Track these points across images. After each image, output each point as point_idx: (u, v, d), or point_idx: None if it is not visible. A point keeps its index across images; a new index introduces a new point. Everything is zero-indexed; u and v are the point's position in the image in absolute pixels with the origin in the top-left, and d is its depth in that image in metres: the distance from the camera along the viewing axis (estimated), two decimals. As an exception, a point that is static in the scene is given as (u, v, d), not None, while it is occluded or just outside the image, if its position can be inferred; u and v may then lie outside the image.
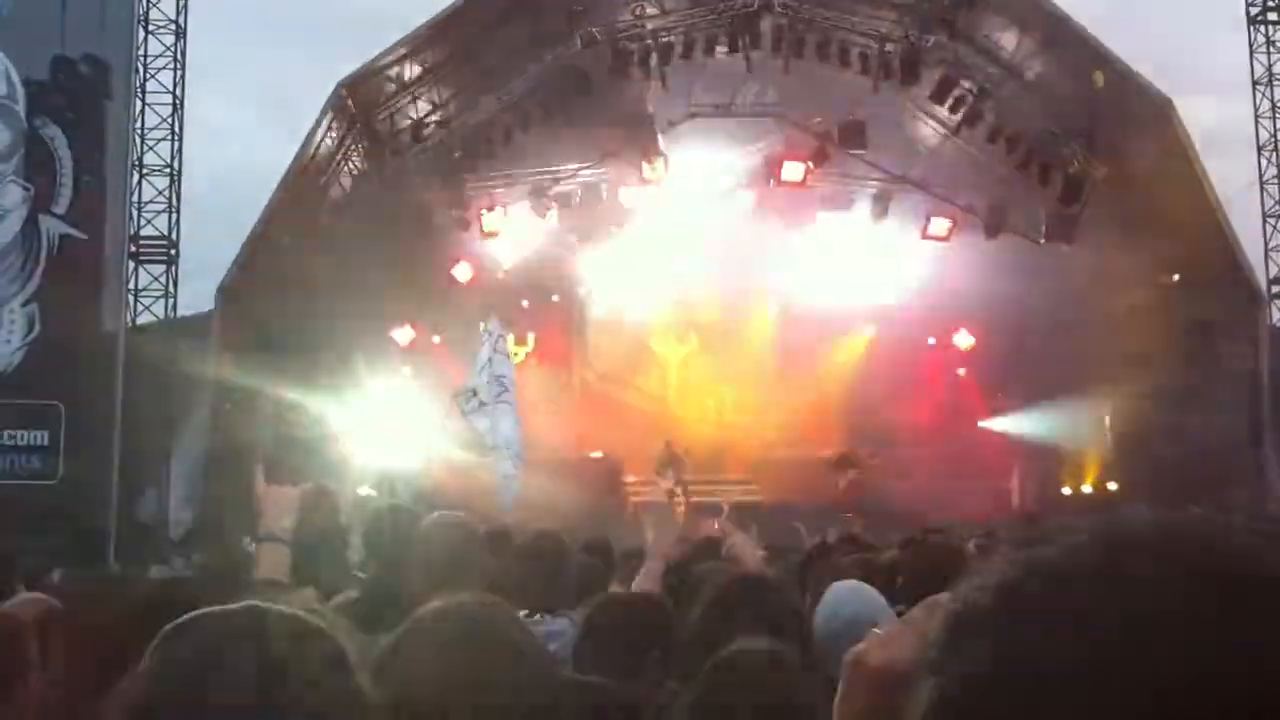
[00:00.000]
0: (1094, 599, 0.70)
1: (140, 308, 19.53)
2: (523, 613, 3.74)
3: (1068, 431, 23.07)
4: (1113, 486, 21.76)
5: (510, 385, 11.53)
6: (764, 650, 2.56)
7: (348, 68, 20.55)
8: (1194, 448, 19.62)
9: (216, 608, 1.47)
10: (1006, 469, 24.53)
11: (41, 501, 17.67)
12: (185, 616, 1.45)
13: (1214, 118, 23.45)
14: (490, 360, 11.31)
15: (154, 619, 2.72)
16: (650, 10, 21.32)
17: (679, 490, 22.06)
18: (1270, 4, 21.48)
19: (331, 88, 20.40)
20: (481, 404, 11.18)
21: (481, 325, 11.50)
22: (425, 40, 20.46)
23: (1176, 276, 20.34)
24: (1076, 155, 21.82)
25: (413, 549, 4.02)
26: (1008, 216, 22.62)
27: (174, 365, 19.61)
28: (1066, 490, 23.23)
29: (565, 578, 3.99)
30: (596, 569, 5.28)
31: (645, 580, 4.62)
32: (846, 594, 3.50)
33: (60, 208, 18.68)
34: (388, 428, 23.78)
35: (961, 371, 25.48)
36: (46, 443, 18.17)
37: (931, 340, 25.49)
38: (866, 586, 3.56)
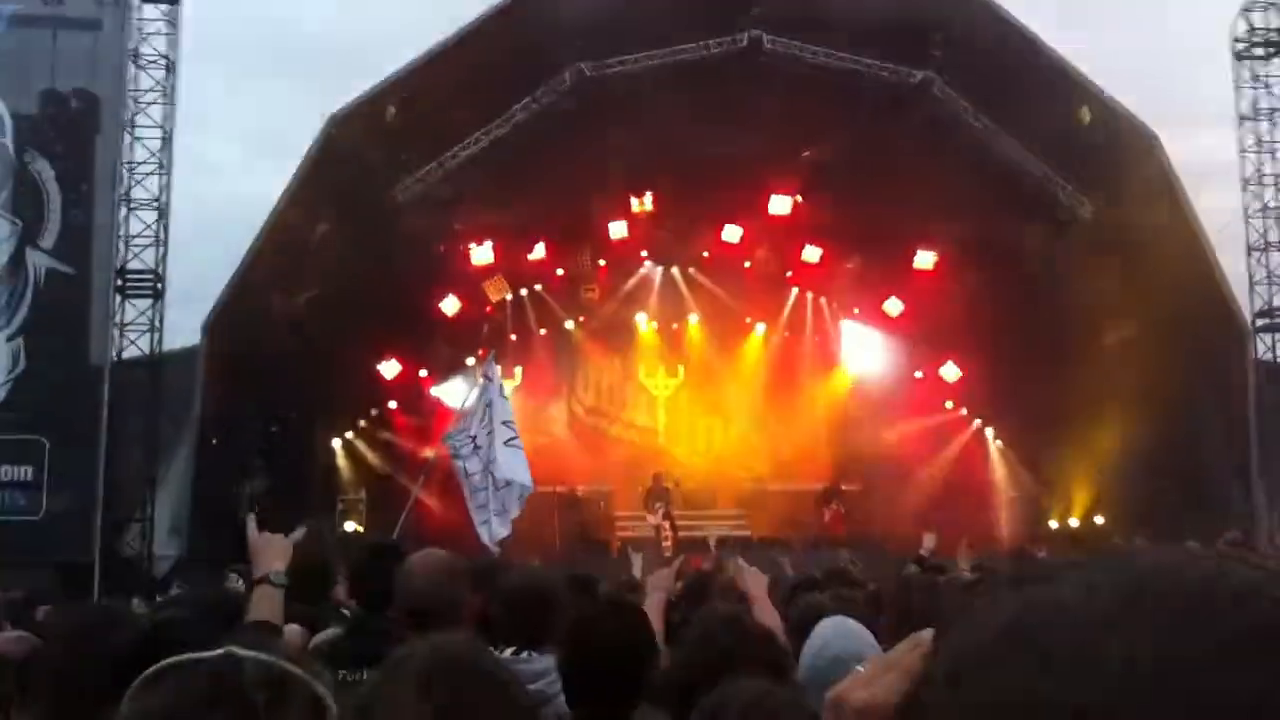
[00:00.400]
0: (1117, 641, 0.68)
1: (126, 342, 19.44)
2: (509, 650, 3.71)
3: (1055, 465, 23.12)
4: (1100, 520, 21.77)
5: (512, 424, 11.48)
6: (756, 689, 2.55)
7: (337, 103, 20.60)
8: (1181, 481, 19.65)
9: (194, 655, 1.45)
10: (994, 502, 24.55)
11: (25, 537, 17.57)
12: (162, 664, 1.43)
13: (1202, 149, 23.55)
14: (490, 404, 11.23)
15: (138, 660, 2.70)
16: (640, 51, 21.41)
17: (667, 524, 22.01)
18: (1256, 40, 21.66)
19: (321, 121, 20.45)
20: (477, 448, 11.08)
21: (481, 371, 11.41)
22: (415, 76, 20.52)
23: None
24: (1062, 189, 21.94)
25: (398, 586, 4.00)
26: (995, 249, 22.71)
27: (160, 400, 19.56)
28: (1054, 523, 23.24)
29: (553, 615, 3.95)
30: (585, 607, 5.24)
31: (650, 615, 4.59)
32: (833, 630, 3.48)
33: (47, 242, 18.65)
34: (375, 461, 23.76)
35: (949, 404, 25.52)
36: (30, 478, 18.08)
37: (919, 373, 25.54)
38: (853, 622, 3.54)
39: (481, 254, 24.00)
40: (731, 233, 24.79)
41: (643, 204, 24.24)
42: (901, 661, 1.23)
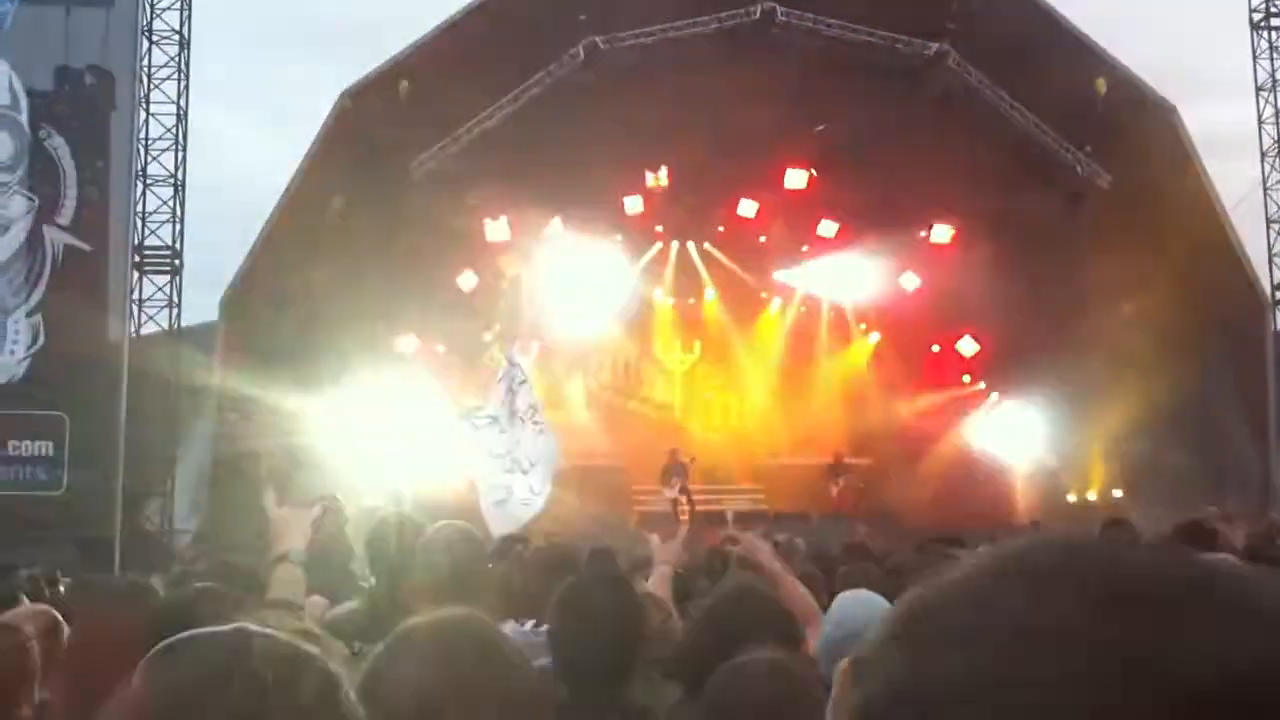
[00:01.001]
0: (980, 617, 0.73)
1: (144, 318, 19.53)
2: (530, 623, 3.72)
3: (1073, 438, 23.04)
4: (1118, 494, 21.72)
5: (539, 407, 11.44)
6: (770, 659, 2.55)
7: (352, 77, 20.61)
8: (1200, 455, 19.60)
9: (205, 630, 1.46)
10: (1011, 476, 24.50)
11: (46, 512, 17.70)
12: (173, 639, 1.44)
13: (1221, 119, 23.42)
14: (513, 390, 11.19)
15: (157, 634, 2.72)
16: (653, 24, 21.34)
17: (683, 499, 22.04)
18: (1274, 9, 21.47)
19: (335, 97, 20.45)
20: (501, 429, 11.04)
21: (502, 357, 11.38)
22: (429, 50, 20.50)
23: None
24: (1080, 162, 21.83)
25: (416, 559, 4.01)
26: (1012, 223, 22.61)
27: (178, 375, 19.63)
28: (1072, 497, 23.19)
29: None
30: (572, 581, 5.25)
31: (656, 586, 4.61)
32: (852, 604, 3.49)
33: (64, 218, 18.71)
34: (393, 437, 23.80)
35: (966, 378, 25.45)
36: (51, 453, 18.18)
37: (936, 347, 25.47)
38: (874, 595, 3.55)
39: (497, 229, 23.97)
40: (747, 207, 24.71)
41: (658, 178, 24.16)
42: None
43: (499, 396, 11.36)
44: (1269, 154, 21.38)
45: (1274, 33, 21.52)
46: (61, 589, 7.29)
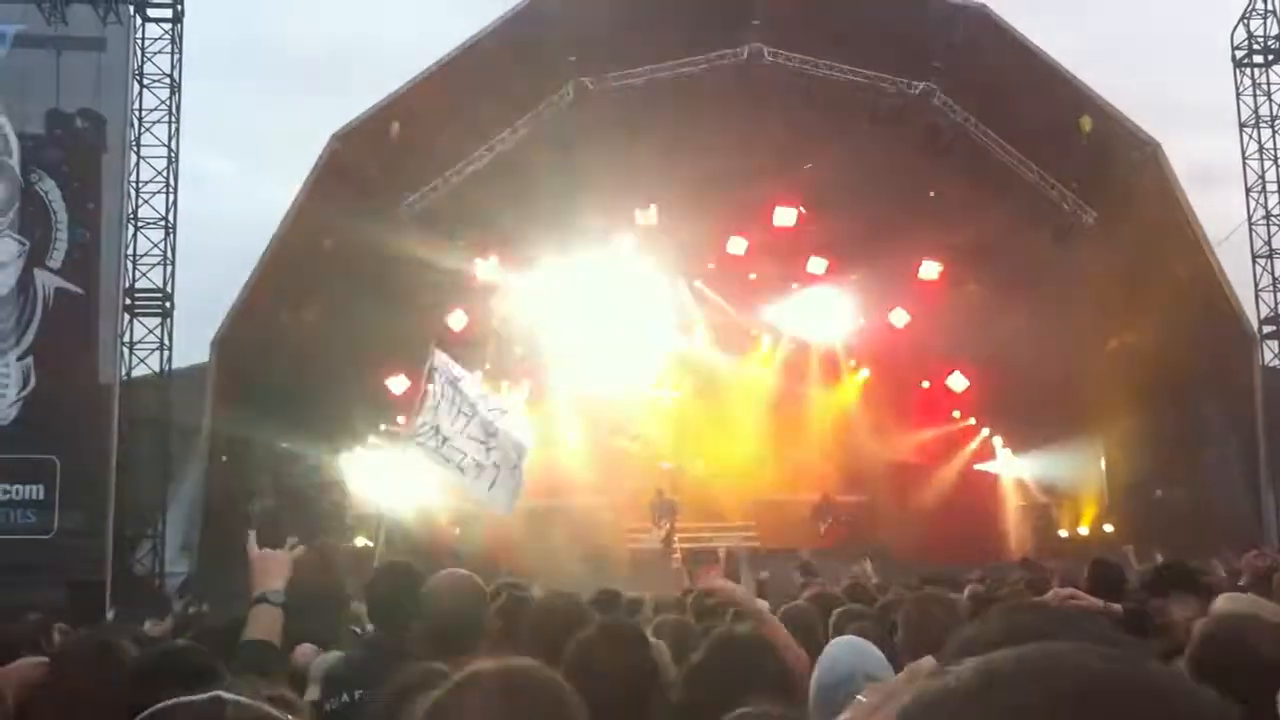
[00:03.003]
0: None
1: (135, 360, 19.51)
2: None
3: (1064, 474, 23.11)
4: (1109, 529, 21.75)
5: (477, 402, 11.28)
6: (765, 713, 2.57)
7: (338, 116, 20.72)
8: (1191, 489, 19.65)
9: (181, 700, 1.49)
10: (1003, 511, 24.54)
11: (36, 555, 17.61)
12: (150, 710, 1.47)
13: (1210, 152, 23.62)
14: (445, 396, 11.07)
15: (141, 690, 2.74)
16: (641, 64, 21.49)
17: (671, 538, 22.12)
18: (1255, 47, 21.70)
19: (325, 138, 20.54)
20: (445, 439, 10.93)
21: (428, 364, 11.22)
22: (420, 91, 20.60)
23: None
24: (1066, 198, 21.99)
25: (416, 606, 4.03)
26: (999, 259, 22.75)
27: (169, 418, 19.60)
28: (1063, 533, 23.23)
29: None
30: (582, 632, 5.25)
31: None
32: (843, 649, 3.51)
33: (55, 262, 18.72)
34: (384, 476, 23.75)
35: (956, 414, 25.52)
36: (42, 496, 18.11)
37: (926, 383, 25.56)
38: (864, 641, 3.57)
39: (487, 268, 24.04)
40: (736, 245, 24.82)
41: (647, 217, 24.28)
42: (899, 692, 1.29)
43: (432, 406, 11.24)
44: (1253, 189, 21.56)
45: (1256, 70, 21.75)
46: (55, 636, 7.26)
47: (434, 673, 2.59)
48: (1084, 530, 22.90)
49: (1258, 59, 21.74)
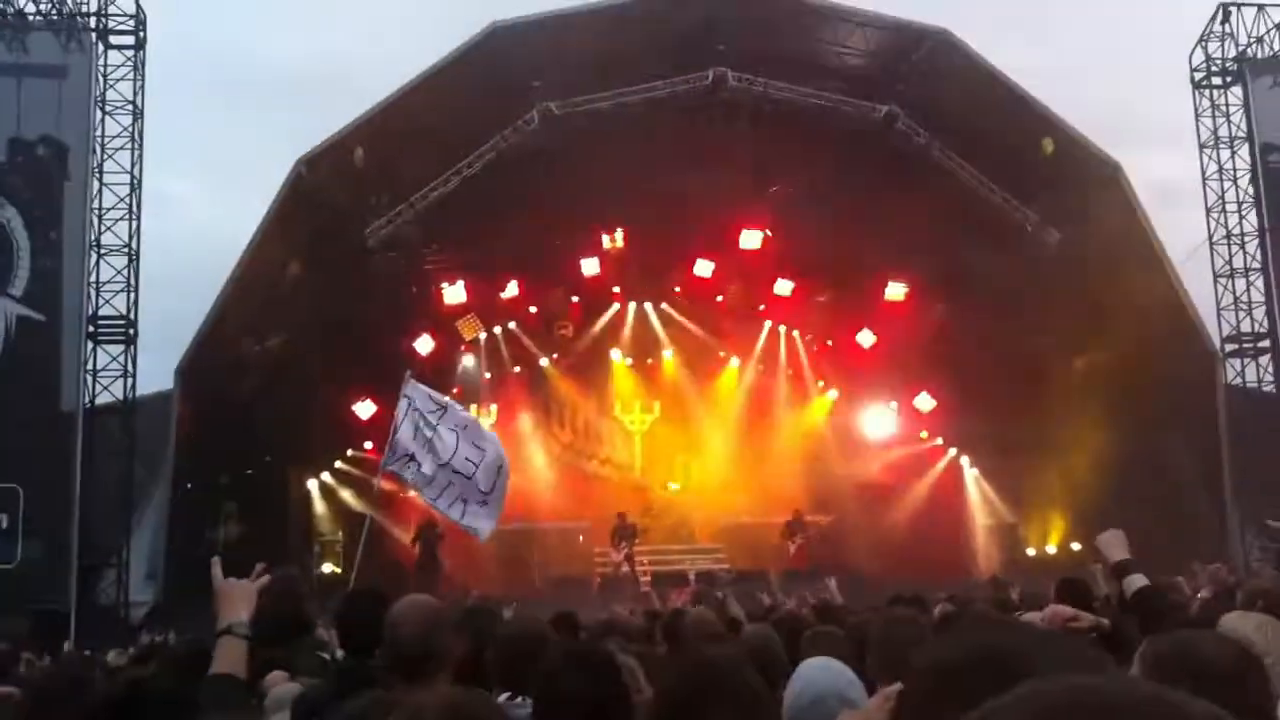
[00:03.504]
0: None
1: (99, 388, 19.33)
2: (503, 696, 3.72)
3: (1031, 493, 23.23)
4: (1076, 546, 21.87)
5: (456, 431, 11.23)
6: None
7: (309, 141, 20.66)
8: (1156, 506, 19.76)
9: None
10: (971, 531, 24.64)
11: (0, 584, 17.42)
12: None
13: (1168, 171, 23.88)
14: (421, 416, 11.05)
15: (116, 717, 2.72)
16: (606, 89, 21.54)
17: (631, 561, 22.12)
18: (1214, 69, 21.98)
19: (291, 160, 20.48)
20: (413, 459, 10.90)
21: (402, 392, 11.21)
22: (384, 116, 20.58)
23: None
24: (1029, 220, 22.17)
25: (382, 632, 4.00)
26: (964, 280, 22.90)
27: (133, 445, 19.44)
28: (1031, 551, 23.34)
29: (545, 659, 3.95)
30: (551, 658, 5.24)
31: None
32: (815, 669, 3.51)
33: (17, 290, 18.58)
34: (352, 502, 23.65)
35: (924, 434, 25.64)
36: (5, 525, 17.95)
37: (893, 403, 25.68)
38: (837, 663, 3.57)
39: (454, 293, 24.02)
40: (703, 268, 24.90)
41: (614, 240, 24.33)
42: (874, 714, 1.30)
43: (406, 433, 11.19)
44: (1213, 209, 21.80)
45: (1215, 91, 22.01)
46: (21, 667, 7.18)
47: (383, 702, 2.57)
48: (1052, 549, 23.02)
49: (1216, 80, 22.01)
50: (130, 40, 20.04)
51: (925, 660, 1.22)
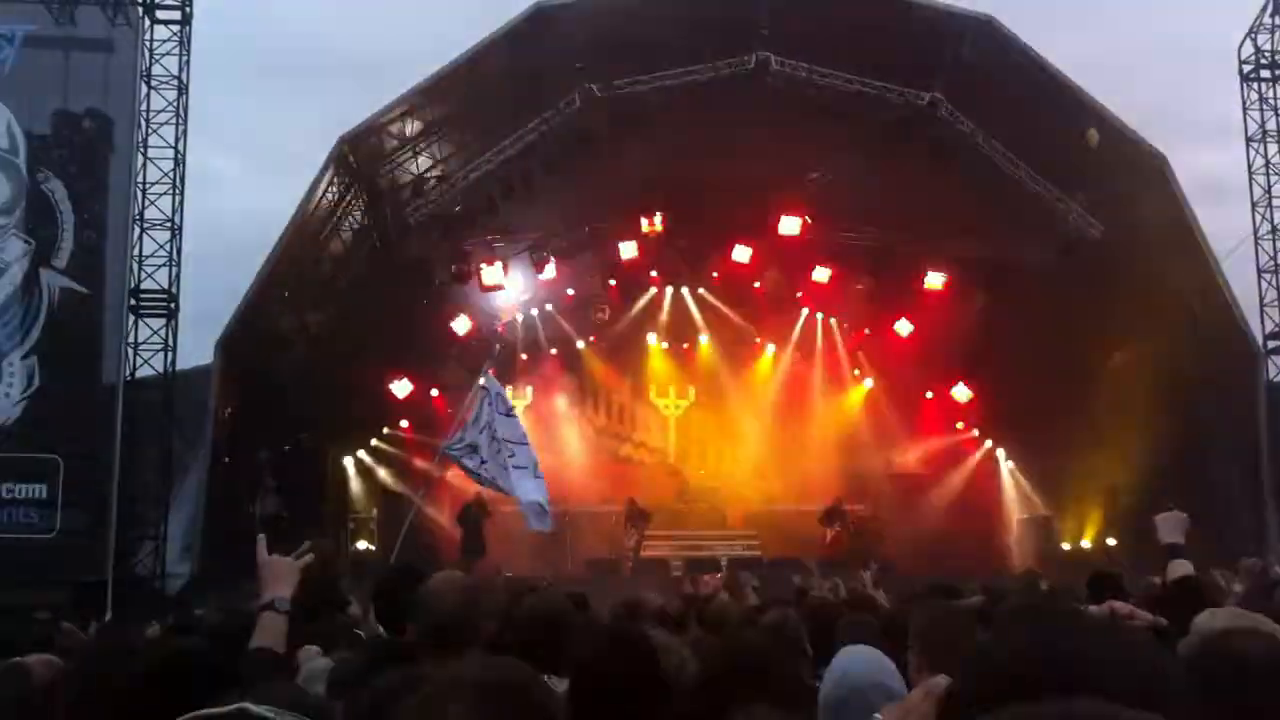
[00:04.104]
0: None
1: (140, 361, 19.49)
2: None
3: (1067, 485, 23.07)
4: (1112, 542, 21.71)
5: (519, 446, 11.42)
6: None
7: (350, 120, 20.73)
8: (1193, 503, 19.53)
9: (208, 712, 1.48)
10: (1005, 523, 24.53)
11: (38, 555, 17.63)
12: None
13: (1214, 166, 23.60)
14: (489, 422, 11.19)
15: (152, 691, 2.73)
16: (649, 72, 21.48)
17: (640, 547, 22.20)
18: (1263, 61, 21.68)
19: (333, 140, 20.56)
20: (483, 461, 11.06)
21: (480, 382, 11.37)
22: (426, 96, 20.63)
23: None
24: (1072, 211, 21.96)
25: (416, 608, 4.02)
26: (1004, 271, 22.74)
27: (172, 419, 19.61)
28: (1066, 545, 23.18)
29: (565, 639, 3.96)
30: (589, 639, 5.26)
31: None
32: (854, 658, 3.50)
33: (61, 261, 18.74)
34: (387, 479, 23.80)
35: (960, 424, 25.51)
36: (45, 496, 18.11)
37: (930, 393, 25.55)
38: (876, 652, 3.56)
39: (492, 274, 24.07)
40: (741, 253, 24.84)
41: (653, 224, 24.30)
42: (916, 708, 1.29)
43: (476, 424, 11.32)
44: (1259, 204, 21.53)
45: (1263, 84, 21.72)
46: (59, 636, 7.25)
47: (417, 676, 2.57)
48: (1087, 543, 22.86)
49: (1264, 73, 21.71)
50: (176, 15, 20.14)
51: (983, 656, 1.21)
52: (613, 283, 25.67)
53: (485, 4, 20.30)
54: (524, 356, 25.69)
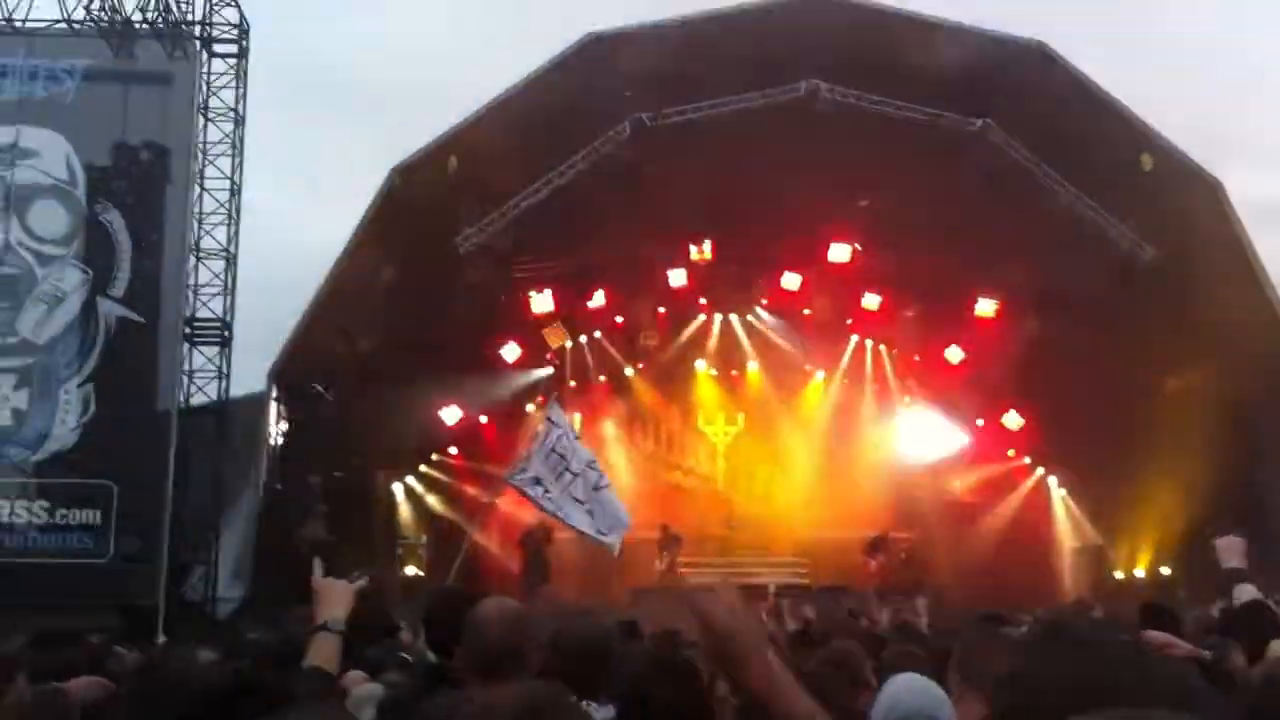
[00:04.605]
0: None
1: (194, 389, 19.74)
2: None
3: (1120, 514, 22.79)
4: (1166, 571, 21.41)
5: (582, 475, 11.55)
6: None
7: (402, 151, 20.96)
8: (1249, 533, 19.24)
9: None
10: (1057, 552, 24.26)
11: (92, 579, 17.85)
12: None
13: (1272, 187, 23.31)
14: (559, 449, 11.32)
15: (209, 710, 2.77)
16: (698, 100, 21.58)
17: (674, 570, 22.15)
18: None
19: (385, 170, 20.80)
20: (546, 492, 11.18)
21: (544, 415, 11.49)
22: (478, 125, 20.81)
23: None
24: (1125, 236, 21.77)
25: (464, 633, 4.03)
26: (1056, 297, 22.55)
27: (226, 446, 19.82)
28: (1119, 574, 22.88)
29: (607, 665, 3.97)
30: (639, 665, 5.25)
31: None
32: (906, 690, 3.48)
33: (118, 290, 19.04)
34: (436, 506, 23.93)
35: (1011, 452, 25.28)
36: (99, 521, 18.36)
37: (980, 421, 25.35)
38: (925, 680, 3.54)
39: (541, 301, 24.18)
40: (791, 280, 24.82)
41: (702, 252, 24.34)
42: None
43: (541, 456, 11.43)
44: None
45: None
46: (111, 661, 7.34)
47: (464, 702, 2.59)
48: (1140, 573, 22.55)
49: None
50: (233, 49, 20.48)
51: (1012, 678, 1.21)
52: (662, 310, 25.72)
53: (536, 33, 20.52)
54: (572, 384, 25.74)
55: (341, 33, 45.80)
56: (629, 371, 26.25)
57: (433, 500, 24.01)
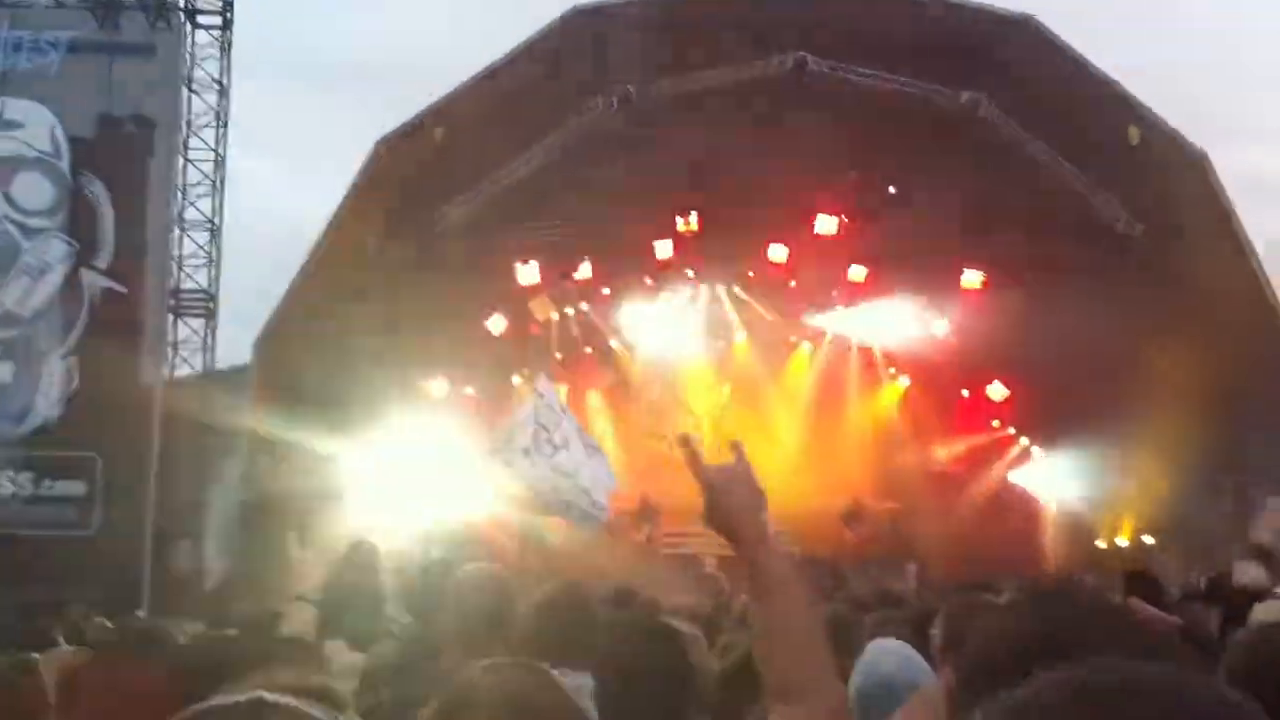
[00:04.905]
0: None
1: (179, 360, 19.71)
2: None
3: (1104, 484, 22.91)
4: (1149, 540, 21.55)
5: (573, 438, 11.49)
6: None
7: (387, 122, 20.88)
8: (1231, 502, 19.43)
9: (223, 702, 1.49)
10: (1040, 522, 24.37)
11: (76, 551, 17.84)
12: (190, 710, 1.47)
13: (1260, 162, 23.34)
14: (544, 425, 11.26)
15: (177, 681, 2.77)
16: (685, 72, 21.50)
17: (656, 541, 22.21)
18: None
19: (370, 140, 20.71)
20: (533, 462, 11.12)
21: (534, 388, 11.47)
22: (463, 97, 20.71)
23: None
24: (1112, 209, 21.78)
25: (446, 602, 4.04)
26: (1043, 269, 22.56)
27: (210, 418, 19.78)
28: (1101, 544, 23.02)
29: (586, 630, 3.97)
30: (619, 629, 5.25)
31: None
32: (886, 653, 3.50)
33: (102, 262, 18.97)
34: (424, 479, 23.89)
35: (995, 423, 25.36)
36: (83, 493, 18.36)
37: (965, 392, 25.40)
38: (906, 646, 3.56)
39: (527, 273, 24.12)
40: (777, 252, 24.79)
41: (688, 223, 24.28)
42: (931, 699, 1.30)
43: (528, 429, 11.39)
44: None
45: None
46: (90, 630, 7.35)
47: (443, 674, 2.59)
48: (1123, 542, 22.68)
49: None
50: (218, 20, 20.36)
51: (980, 636, 1.22)
52: (649, 281, 25.68)
53: (521, 5, 20.41)
54: (558, 356, 25.70)
55: (328, 5, 45.54)
56: (615, 343, 26.21)
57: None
